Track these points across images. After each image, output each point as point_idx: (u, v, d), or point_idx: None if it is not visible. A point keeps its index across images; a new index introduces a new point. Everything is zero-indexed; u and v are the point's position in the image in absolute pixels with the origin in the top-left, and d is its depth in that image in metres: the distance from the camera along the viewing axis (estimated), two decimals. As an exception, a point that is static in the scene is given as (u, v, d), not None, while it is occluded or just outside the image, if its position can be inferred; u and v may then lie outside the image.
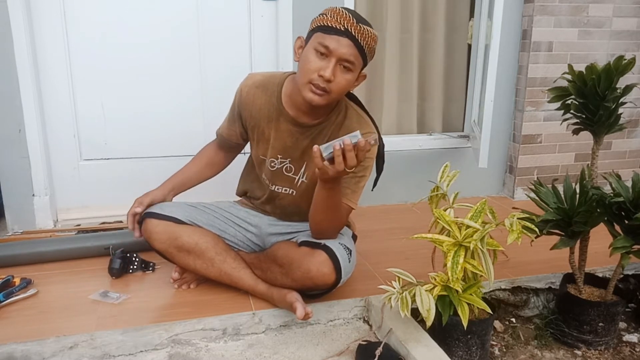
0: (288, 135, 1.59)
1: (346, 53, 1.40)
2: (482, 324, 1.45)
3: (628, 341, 1.70)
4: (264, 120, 1.61)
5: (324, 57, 1.41)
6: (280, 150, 1.61)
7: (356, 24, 1.40)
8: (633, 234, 1.47)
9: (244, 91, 1.61)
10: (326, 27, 1.40)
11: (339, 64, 1.41)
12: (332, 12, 1.42)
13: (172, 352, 1.47)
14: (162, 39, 2.29)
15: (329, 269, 1.48)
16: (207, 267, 1.62)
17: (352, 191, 1.54)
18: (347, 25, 1.39)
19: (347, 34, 1.39)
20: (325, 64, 1.40)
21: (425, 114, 2.82)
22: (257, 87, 1.60)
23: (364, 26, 1.41)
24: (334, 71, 1.40)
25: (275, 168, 1.64)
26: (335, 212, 1.50)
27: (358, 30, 1.40)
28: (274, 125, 1.59)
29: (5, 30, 2.04)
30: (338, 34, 1.39)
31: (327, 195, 1.44)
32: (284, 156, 1.62)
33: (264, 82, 1.60)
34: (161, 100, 2.35)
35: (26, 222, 2.23)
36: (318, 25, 1.43)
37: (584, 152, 2.80)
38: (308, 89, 1.44)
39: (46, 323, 1.49)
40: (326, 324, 1.62)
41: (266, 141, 1.62)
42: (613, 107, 1.50)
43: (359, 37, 1.40)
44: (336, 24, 1.39)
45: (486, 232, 1.34)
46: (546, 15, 2.58)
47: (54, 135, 2.26)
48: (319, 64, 1.41)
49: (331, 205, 1.47)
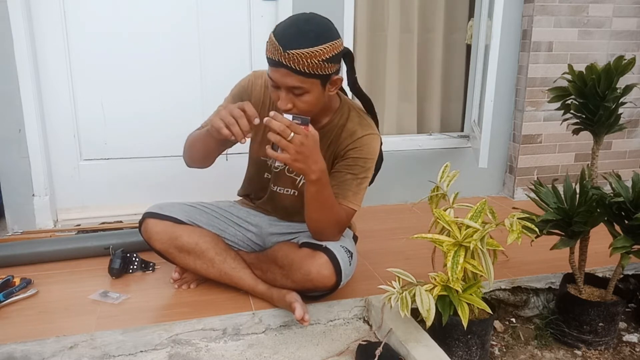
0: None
1: (288, 82, 1.35)
2: (482, 324, 1.45)
3: (628, 341, 1.70)
4: None
5: (276, 88, 1.39)
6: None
7: (283, 51, 1.31)
8: (633, 234, 1.47)
9: (256, 89, 1.59)
10: (268, 59, 1.37)
11: (290, 92, 1.37)
12: (269, 42, 1.37)
13: (172, 352, 1.47)
14: (162, 39, 2.30)
15: (329, 272, 1.48)
16: (207, 267, 1.62)
17: (353, 193, 1.53)
18: (277, 56, 1.33)
19: (280, 64, 1.33)
20: (279, 95, 1.39)
21: (425, 114, 2.82)
22: (266, 87, 1.58)
23: (293, 51, 1.31)
24: (287, 100, 1.38)
25: (279, 168, 1.64)
26: (330, 210, 1.48)
27: (287, 58, 1.31)
28: None
29: (5, 30, 2.04)
30: (275, 66, 1.35)
31: (315, 191, 1.41)
32: None
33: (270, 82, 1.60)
34: (161, 101, 2.35)
35: (26, 222, 2.23)
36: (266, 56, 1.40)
37: (584, 152, 2.80)
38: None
39: (46, 323, 1.49)
40: (326, 324, 1.62)
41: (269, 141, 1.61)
42: (613, 107, 1.50)
43: (291, 64, 1.32)
44: (270, 54, 1.35)
45: (486, 232, 1.34)
46: (546, 15, 2.58)
47: (54, 135, 2.27)
48: (276, 94, 1.40)
49: (323, 202, 1.45)
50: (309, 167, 1.35)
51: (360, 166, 1.53)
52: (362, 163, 1.53)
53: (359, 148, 1.53)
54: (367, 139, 1.53)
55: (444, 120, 2.85)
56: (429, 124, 2.82)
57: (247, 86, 1.60)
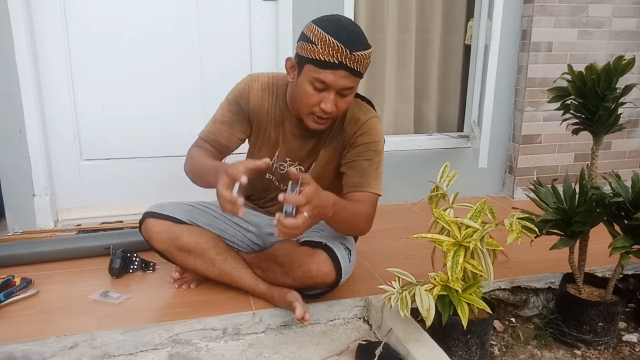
0: (293, 138, 1.59)
1: (345, 83, 1.36)
2: (482, 324, 1.46)
3: (628, 341, 1.71)
4: (270, 124, 1.59)
5: (322, 90, 1.38)
6: (288, 153, 1.61)
7: (350, 54, 1.32)
8: (632, 234, 1.47)
9: (253, 94, 1.56)
10: (319, 62, 1.33)
11: (339, 94, 1.39)
12: (323, 44, 1.32)
13: (172, 352, 1.47)
14: (162, 39, 2.30)
15: (329, 269, 1.49)
16: (207, 267, 1.62)
17: (373, 179, 1.53)
18: (341, 59, 1.32)
19: (343, 66, 1.33)
20: (325, 96, 1.38)
21: (422, 114, 2.83)
22: (264, 90, 1.57)
23: (358, 53, 1.33)
24: (334, 102, 1.39)
25: (285, 170, 1.64)
26: (354, 221, 1.49)
27: (353, 60, 1.33)
28: (281, 129, 1.59)
29: (6, 30, 2.04)
30: (333, 68, 1.33)
31: (335, 220, 1.42)
32: (293, 159, 1.62)
33: (269, 85, 1.58)
34: (161, 101, 2.35)
35: (27, 222, 2.23)
36: (310, 57, 1.35)
37: (583, 152, 2.80)
38: (311, 120, 1.45)
39: (46, 323, 1.49)
40: (326, 323, 1.62)
41: (272, 145, 1.61)
42: (612, 107, 1.50)
43: (354, 66, 1.34)
44: (330, 57, 1.32)
45: (486, 232, 1.34)
46: (546, 15, 2.58)
47: (55, 135, 2.27)
48: (318, 97, 1.38)
49: (345, 220, 1.45)
50: (323, 213, 1.32)
51: (373, 150, 1.54)
52: (373, 147, 1.54)
53: (367, 133, 1.54)
54: (371, 122, 1.55)
55: (440, 120, 2.85)
56: (426, 123, 2.83)
57: (244, 90, 1.57)
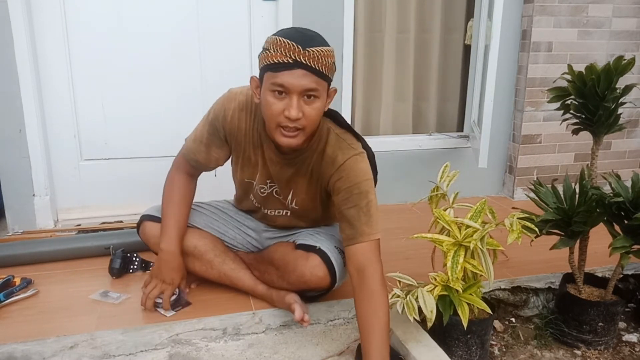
0: (272, 164, 1.49)
1: (304, 83, 1.24)
2: (482, 324, 1.46)
3: (627, 341, 1.71)
4: (249, 146, 1.50)
5: (283, 95, 1.26)
6: (268, 176, 1.54)
7: (303, 50, 1.23)
8: (632, 234, 1.47)
9: (228, 115, 1.46)
10: (274, 65, 1.24)
11: (301, 97, 1.26)
12: (275, 46, 1.25)
13: (172, 352, 1.47)
14: (163, 39, 2.30)
15: (323, 273, 1.48)
16: (206, 269, 1.62)
17: (365, 224, 1.37)
18: (294, 56, 1.23)
19: (298, 64, 1.23)
20: (288, 103, 1.26)
21: (422, 114, 2.82)
22: (241, 110, 1.46)
23: (312, 49, 1.24)
24: (298, 107, 1.26)
25: (265, 193, 1.58)
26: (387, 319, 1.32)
27: (308, 57, 1.23)
28: (260, 152, 1.50)
29: (6, 30, 2.04)
30: (289, 68, 1.23)
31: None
32: (272, 181, 1.54)
33: (247, 104, 1.46)
34: (161, 101, 2.35)
35: (26, 222, 2.23)
36: (265, 63, 1.27)
37: (583, 152, 2.80)
38: (279, 134, 1.31)
39: (46, 323, 1.49)
40: (326, 323, 1.62)
41: (252, 166, 1.54)
42: (612, 107, 1.51)
43: (311, 62, 1.23)
44: (283, 58, 1.23)
45: (486, 232, 1.34)
46: (546, 15, 2.58)
47: (55, 135, 2.27)
48: (281, 104, 1.26)
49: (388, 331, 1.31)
50: None
51: (357, 194, 1.37)
52: (357, 190, 1.37)
53: (345, 177, 1.38)
54: (349, 163, 1.39)
55: (441, 120, 2.85)
56: (425, 124, 2.82)
57: (219, 112, 1.47)
